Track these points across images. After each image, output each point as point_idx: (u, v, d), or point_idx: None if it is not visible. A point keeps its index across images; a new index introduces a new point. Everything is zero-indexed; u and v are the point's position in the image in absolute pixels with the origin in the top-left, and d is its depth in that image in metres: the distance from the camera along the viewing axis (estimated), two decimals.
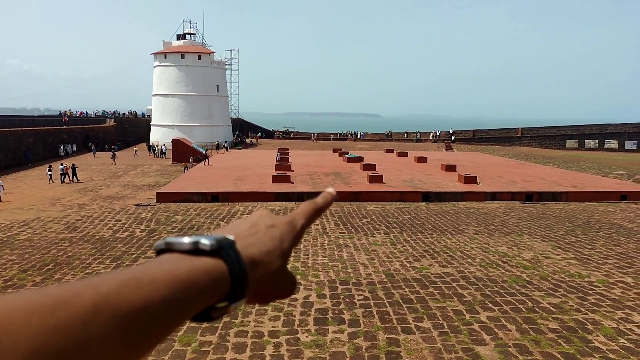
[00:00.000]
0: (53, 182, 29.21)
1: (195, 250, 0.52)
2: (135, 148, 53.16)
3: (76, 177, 30.48)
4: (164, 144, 51.47)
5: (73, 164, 31.75)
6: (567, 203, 22.52)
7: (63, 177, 29.80)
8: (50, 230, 16.44)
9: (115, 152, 44.12)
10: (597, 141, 56.98)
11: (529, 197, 23.33)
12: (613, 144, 55.84)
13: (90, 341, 0.38)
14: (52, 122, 53.48)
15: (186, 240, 0.53)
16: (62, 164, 30.99)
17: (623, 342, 7.92)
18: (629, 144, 55.04)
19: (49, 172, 30.01)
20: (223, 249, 0.53)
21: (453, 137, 66.41)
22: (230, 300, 0.53)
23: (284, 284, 0.60)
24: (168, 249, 0.53)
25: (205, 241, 0.53)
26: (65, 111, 72.36)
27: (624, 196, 23.70)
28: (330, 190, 0.70)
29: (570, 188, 24.66)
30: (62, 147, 49.29)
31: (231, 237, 0.55)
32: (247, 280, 0.53)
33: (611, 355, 7.46)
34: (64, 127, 53.68)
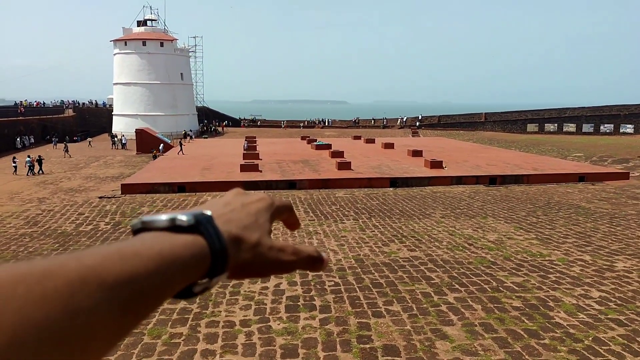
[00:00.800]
0: (17, 175, 28.43)
1: (173, 227, 0.51)
2: (89, 139, 50.93)
3: (41, 170, 29.61)
4: (123, 135, 50.01)
5: (39, 156, 30.86)
6: (529, 185, 23.25)
7: (32, 168, 28.87)
8: (10, 225, 15.84)
9: (67, 144, 41.11)
10: (556, 125, 58.84)
11: (492, 180, 23.96)
12: (571, 127, 57.78)
13: (77, 312, 0.37)
14: (7, 113, 51.21)
15: (163, 217, 0.52)
16: (29, 156, 30.02)
17: (582, 317, 8.28)
18: (586, 127, 57.08)
19: (14, 164, 29.19)
20: (201, 224, 0.52)
21: (418, 124, 67.29)
22: (212, 276, 0.52)
23: (277, 257, 0.60)
24: (145, 227, 0.52)
25: (182, 217, 0.51)
26: (21, 101, 69.38)
27: (581, 177, 24.64)
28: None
29: (532, 171, 25.45)
30: (18, 139, 47.36)
31: (208, 212, 0.54)
32: (227, 254, 0.53)
33: (571, 331, 7.79)
34: (20, 118, 51.54)
